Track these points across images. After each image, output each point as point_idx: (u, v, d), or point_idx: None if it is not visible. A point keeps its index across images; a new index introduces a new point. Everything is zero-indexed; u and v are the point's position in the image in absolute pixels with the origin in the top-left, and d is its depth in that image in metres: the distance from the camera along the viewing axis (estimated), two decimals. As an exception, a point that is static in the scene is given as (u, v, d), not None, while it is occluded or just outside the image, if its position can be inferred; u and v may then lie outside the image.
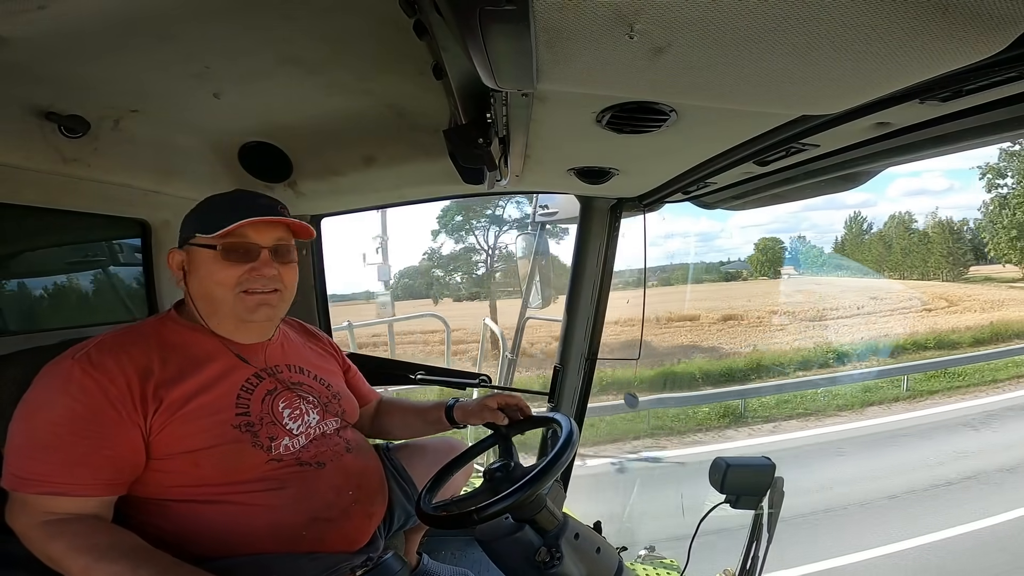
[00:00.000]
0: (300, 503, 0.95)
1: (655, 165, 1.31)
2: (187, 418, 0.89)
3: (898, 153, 0.96)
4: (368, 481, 1.08)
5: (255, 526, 0.92)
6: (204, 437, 0.90)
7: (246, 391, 0.97)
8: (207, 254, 0.95)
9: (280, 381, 1.04)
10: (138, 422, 0.86)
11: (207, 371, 0.94)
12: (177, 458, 0.89)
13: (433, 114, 1.21)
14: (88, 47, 0.86)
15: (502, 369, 2.78)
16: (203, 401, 0.91)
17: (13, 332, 1.23)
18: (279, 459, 0.95)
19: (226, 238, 0.94)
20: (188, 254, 0.98)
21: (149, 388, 0.87)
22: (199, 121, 1.24)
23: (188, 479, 0.90)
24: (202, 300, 0.98)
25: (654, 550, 2.18)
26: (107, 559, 0.77)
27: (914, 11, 0.47)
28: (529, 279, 2.46)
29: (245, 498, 0.92)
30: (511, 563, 0.89)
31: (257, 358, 1.04)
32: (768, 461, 1.23)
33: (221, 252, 0.94)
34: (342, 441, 1.07)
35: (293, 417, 1.01)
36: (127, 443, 0.85)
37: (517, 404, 1.19)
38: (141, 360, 0.89)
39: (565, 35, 0.52)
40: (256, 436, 0.94)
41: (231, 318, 0.99)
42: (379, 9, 0.82)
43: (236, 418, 0.93)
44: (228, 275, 0.95)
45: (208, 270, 0.95)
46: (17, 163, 1.03)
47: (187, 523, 0.90)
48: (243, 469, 0.92)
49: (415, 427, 1.36)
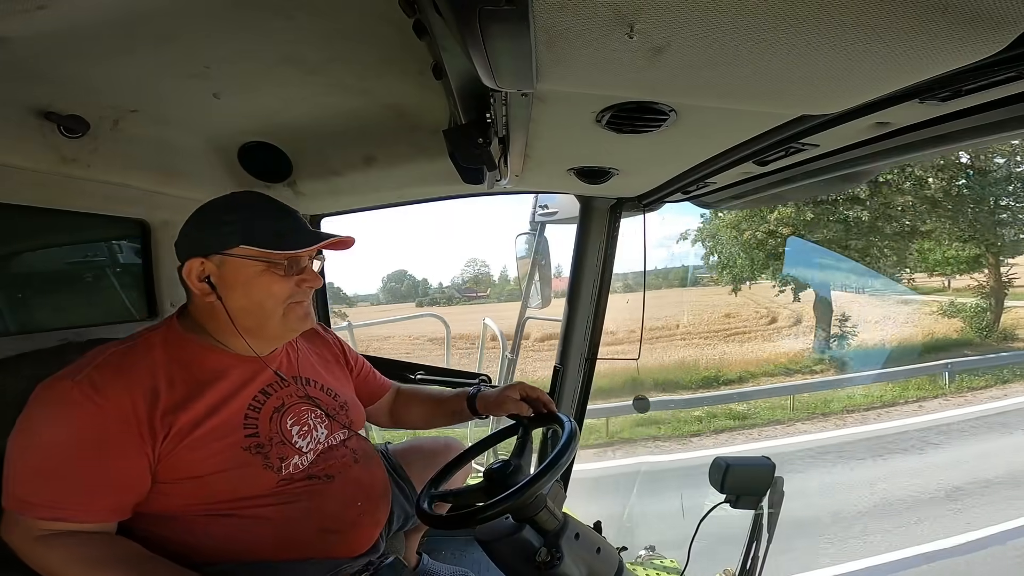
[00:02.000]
0: (309, 516, 0.94)
1: (655, 165, 1.31)
2: (196, 444, 0.86)
3: (898, 153, 0.95)
4: (375, 490, 1.07)
5: (261, 537, 0.90)
6: (214, 462, 0.87)
7: (253, 410, 0.95)
8: (256, 267, 0.91)
9: (287, 396, 1.01)
10: (145, 450, 0.83)
11: (215, 391, 0.91)
12: (185, 482, 0.86)
13: (433, 114, 1.21)
14: (88, 47, 0.86)
15: (502, 369, 2.77)
16: (212, 425, 0.88)
17: (13, 332, 1.23)
18: (289, 479, 0.94)
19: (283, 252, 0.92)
20: (224, 265, 0.91)
21: (156, 414, 0.84)
22: (199, 121, 1.24)
23: (195, 499, 0.88)
24: (245, 313, 0.93)
25: (654, 550, 2.18)
26: (106, 568, 0.76)
27: (914, 11, 0.47)
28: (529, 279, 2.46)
29: (254, 512, 0.90)
30: (511, 563, 0.89)
31: (265, 372, 1.00)
32: (768, 461, 1.23)
33: (281, 266, 0.93)
34: (349, 452, 1.06)
35: (302, 434, 0.98)
36: (132, 470, 0.83)
37: (539, 397, 1.16)
38: (146, 382, 0.85)
39: (565, 35, 0.52)
40: (267, 457, 0.92)
41: (280, 330, 0.97)
42: (379, 9, 0.82)
43: (245, 440, 0.91)
44: (283, 288, 0.94)
45: (261, 283, 0.92)
46: (16, 163, 1.03)
47: (192, 535, 0.88)
48: (253, 488, 0.90)
49: (437, 419, 1.33)
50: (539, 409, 1.15)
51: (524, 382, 1.21)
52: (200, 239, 0.92)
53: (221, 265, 0.91)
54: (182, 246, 0.94)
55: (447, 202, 1.84)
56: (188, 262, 0.92)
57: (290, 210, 0.99)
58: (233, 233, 0.90)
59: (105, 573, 0.76)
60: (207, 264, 0.91)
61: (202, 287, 0.91)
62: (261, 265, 0.92)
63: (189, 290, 0.95)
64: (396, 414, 1.36)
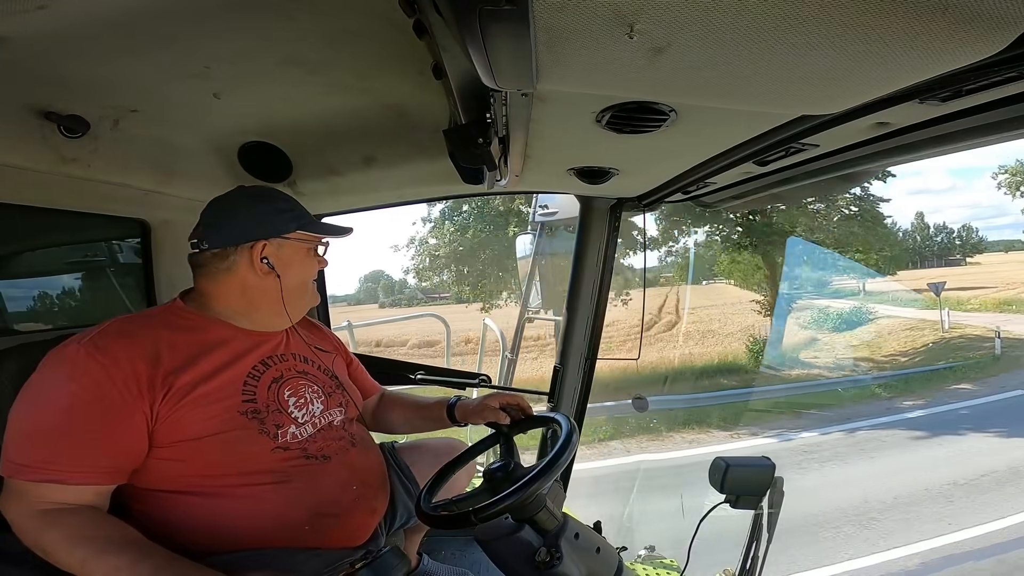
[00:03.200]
0: (304, 498, 0.95)
1: (655, 165, 1.31)
2: (194, 404, 0.88)
3: (898, 153, 0.96)
4: (372, 476, 1.08)
5: (257, 520, 0.91)
6: (211, 423, 0.89)
7: (252, 378, 0.97)
8: (303, 249, 1.06)
9: (286, 369, 1.04)
10: (143, 409, 0.85)
11: (215, 357, 0.94)
12: (182, 445, 0.88)
13: (433, 114, 1.21)
14: (88, 47, 0.86)
15: (502, 369, 2.78)
16: (211, 387, 0.91)
17: (13, 332, 1.23)
18: (285, 447, 0.95)
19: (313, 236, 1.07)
20: (282, 247, 1.02)
21: (158, 374, 0.86)
22: (199, 121, 1.24)
23: (191, 468, 0.89)
24: (293, 292, 1.05)
25: (654, 550, 2.18)
26: (106, 552, 0.76)
27: (914, 11, 0.47)
28: (529, 279, 2.47)
29: (248, 491, 0.91)
30: (511, 563, 0.89)
31: (265, 345, 1.04)
32: (768, 461, 1.23)
33: (316, 249, 1.09)
34: (347, 435, 1.07)
35: (298, 405, 1.01)
36: (131, 430, 0.84)
37: (518, 403, 1.19)
38: (149, 346, 0.88)
39: (565, 35, 0.52)
40: (263, 423, 0.94)
41: (305, 304, 1.12)
42: (379, 9, 0.82)
43: (243, 404, 0.93)
44: (314, 267, 1.11)
45: (307, 264, 1.08)
46: (16, 163, 1.03)
47: (188, 516, 0.89)
48: (249, 458, 0.91)
49: (416, 423, 1.36)
50: (516, 416, 1.18)
51: (504, 391, 1.25)
52: (259, 224, 1.01)
53: (280, 247, 1.02)
54: (233, 231, 1.00)
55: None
56: (254, 244, 1.00)
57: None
58: (291, 220, 1.03)
59: (108, 556, 0.75)
60: (268, 246, 1.01)
61: (262, 267, 1.00)
62: (306, 248, 1.07)
63: (213, 272, 1.00)
64: (378, 417, 1.37)
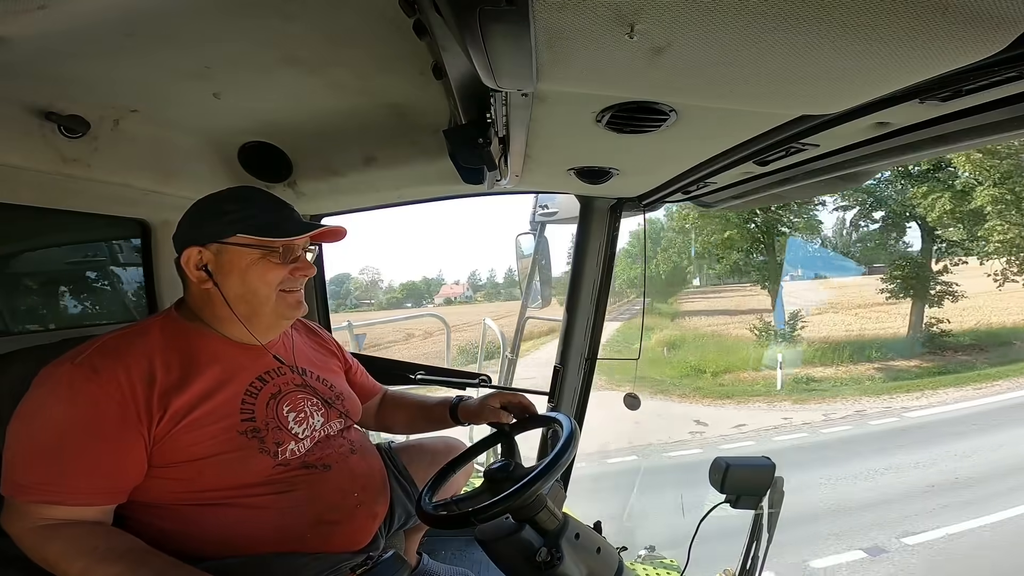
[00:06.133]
0: (306, 506, 0.94)
1: (655, 165, 1.31)
2: (192, 427, 0.87)
3: (898, 153, 0.95)
4: (372, 482, 1.08)
5: (259, 528, 0.91)
6: (209, 445, 0.88)
7: (250, 395, 0.96)
8: (252, 254, 0.95)
9: (283, 383, 1.02)
10: (141, 431, 0.84)
11: (210, 375, 0.92)
12: (181, 466, 0.87)
13: (433, 114, 1.21)
14: (88, 47, 0.86)
15: (502, 369, 2.77)
16: (208, 408, 0.89)
17: (13, 333, 1.23)
18: (285, 464, 0.94)
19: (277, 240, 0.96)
20: (221, 254, 0.94)
21: (153, 396, 0.85)
22: (199, 121, 1.24)
23: (191, 485, 0.88)
24: (241, 300, 0.96)
25: (654, 550, 2.18)
26: (105, 561, 0.76)
27: (914, 11, 0.47)
28: (529, 279, 2.46)
29: (250, 501, 0.91)
30: (511, 563, 0.89)
31: (261, 359, 1.02)
32: (768, 461, 1.23)
33: (276, 253, 0.96)
34: (346, 442, 1.07)
35: (298, 421, 0.99)
36: (128, 453, 0.84)
37: (520, 403, 1.19)
38: (144, 365, 0.87)
39: (565, 35, 0.52)
40: (263, 442, 0.92)
41: (272, 317, 1.00)
42: (379, 9, 0.82)
43: (242, 424, 0.92)
44: (276, 275, 0.97)
45: (256, 270, 0.96)
46: (17, 163, 1.03)
47: (189, 525, 0.89)
48: (249, 474, 0.91)
49: (419, 424, 1.36)
50: (519, 415, 1.18)
51: (504, 391, 1.25)
52: (198, 229, 0.96)
53: (219, 254, 0.95)
54: (179, 237, 0.97)
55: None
56: (186, 251, 0.95)
57: (285, 203, 1.03)
58: (231, 223, 0.94)
59: (108, 565, 0.76)
60: (204, 252, 0.95)
61: (199, 275, 0.95)
62: (257, 253, 0.96)
63: (186, 280, 0.98)
64: (382, 418, 1.37)
